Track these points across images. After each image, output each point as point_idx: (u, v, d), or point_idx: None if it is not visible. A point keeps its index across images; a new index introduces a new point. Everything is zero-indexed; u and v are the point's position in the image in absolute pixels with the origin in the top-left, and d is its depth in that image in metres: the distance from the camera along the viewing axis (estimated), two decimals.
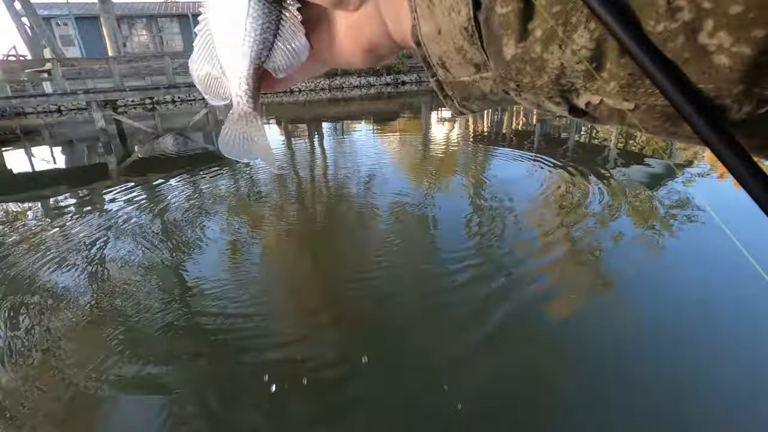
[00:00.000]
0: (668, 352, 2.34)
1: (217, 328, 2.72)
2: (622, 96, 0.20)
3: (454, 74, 0.28)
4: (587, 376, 2.22)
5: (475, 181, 5.74)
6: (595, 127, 8.91)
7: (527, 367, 2.29)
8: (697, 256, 3.36)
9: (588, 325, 2.62)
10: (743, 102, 0.17)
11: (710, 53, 0.16)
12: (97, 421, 2.06)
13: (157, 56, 16.64)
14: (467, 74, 0.27)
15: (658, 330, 2.53)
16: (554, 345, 2.45)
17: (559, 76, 0.21)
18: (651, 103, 0.19)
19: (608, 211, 4.26)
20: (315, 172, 6.78)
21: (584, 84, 0.21)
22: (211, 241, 4.10)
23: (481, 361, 2.35)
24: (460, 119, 11.36)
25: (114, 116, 9.95)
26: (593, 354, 2.38)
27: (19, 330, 2.79)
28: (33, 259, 3.87)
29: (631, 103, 0.20)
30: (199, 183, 6.33)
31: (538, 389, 2.15)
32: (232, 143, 0.36)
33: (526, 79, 0.23)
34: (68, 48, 20.00)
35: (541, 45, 0.21)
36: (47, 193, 6.15)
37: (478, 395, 2.12)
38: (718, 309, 2.68)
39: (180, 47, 21.65)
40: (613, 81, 0.19)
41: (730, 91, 0.17)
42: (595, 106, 0.22)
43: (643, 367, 2.23)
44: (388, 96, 18.51)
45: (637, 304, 2.79)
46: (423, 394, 2.13)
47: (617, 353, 2.36)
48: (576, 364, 2.30)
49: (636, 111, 0.20)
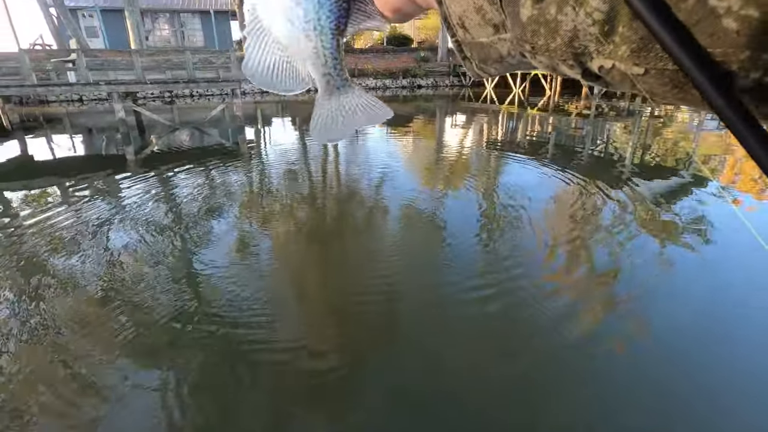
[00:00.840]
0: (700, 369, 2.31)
1: (220, 320, 2.75)
2: (633, 60, 0.20)
3: (473, 35, 0.28)
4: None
5: (487, 187, 5.73)
6: (611, 139, 8.84)
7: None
8: (725, 269, 3.31)
9: (599, 341, 2.60)
10: (750, 68, 0.17)
11: (719, 16, 0.16)
12: (99, 406, 2.10)
13: (178, 50, 16.94)
14: (485, 35, 0.28)
15: (684, 345, 2.49)
16: (565, 360, 2.43)
17: (572, 39, 0.22)
18: (661, 67, 0.19)
19: (623, 224, 4.21)
20: (327, 170, 6.82)
21: (597, 48, 0.21)
22: (219, 235, 4.16)
23: (493, 373, 2.34)
24: (474, 126, 11.33)
25: (134, 108, 10.14)
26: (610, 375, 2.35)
27: (26, 312, 2.86)
28: (46, 242, 3.97)
29: (641, 67, 0.20)
30: (212, 177, 6.41)
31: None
32: (333, 124, 0.34)
33: (540, 41, 0.23)
34: (92, 39, 20.45)
35: (555, 6, 0.21)
36: (66, 179, 6.29)
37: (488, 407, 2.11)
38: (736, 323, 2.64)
39: (200, 42, 21.98)
40: (625, 45, 0.19)
41: (737, 56, 0.16)
42: (607, 71, 0.22)
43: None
44: (403, 99, 18.54)
45: (655, 319, 2.75)
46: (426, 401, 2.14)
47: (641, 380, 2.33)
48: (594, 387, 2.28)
49: (646, 76, 0.20)
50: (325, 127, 0.34)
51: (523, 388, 2.20)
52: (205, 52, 18.05)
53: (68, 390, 2.18)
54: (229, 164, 7.08)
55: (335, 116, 0.34)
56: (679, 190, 5.29)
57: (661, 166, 6.50)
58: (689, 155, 7.19)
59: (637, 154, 7.44)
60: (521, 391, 2.18)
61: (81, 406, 2.09)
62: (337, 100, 0.33)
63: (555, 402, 2.10)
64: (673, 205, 4.75)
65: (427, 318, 2.81)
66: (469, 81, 23.00)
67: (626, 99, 15.20)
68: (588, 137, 9.05)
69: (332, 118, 0.34)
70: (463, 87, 22.69)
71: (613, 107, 13.48)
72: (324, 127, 0.34)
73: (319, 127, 0.34)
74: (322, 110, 0.33)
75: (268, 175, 6.56)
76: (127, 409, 2.06)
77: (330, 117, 0.34)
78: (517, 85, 18.76)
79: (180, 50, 16.09)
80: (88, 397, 2.14)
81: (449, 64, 23.97)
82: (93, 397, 2.14)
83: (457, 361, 2.39)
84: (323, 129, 0.34)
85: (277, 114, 14.47)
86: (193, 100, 18.68)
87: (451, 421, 1.98)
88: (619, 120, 11.23)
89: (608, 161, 6.95)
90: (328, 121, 0.34)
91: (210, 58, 16.78)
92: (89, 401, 2.12)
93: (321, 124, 0.34)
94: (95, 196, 5.50)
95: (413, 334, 2.66)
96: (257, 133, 10.70)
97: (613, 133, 9.54)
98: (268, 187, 5.97)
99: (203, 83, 10.41)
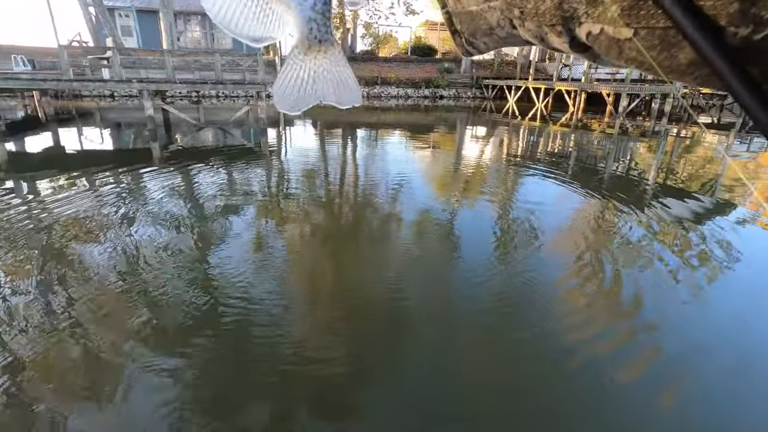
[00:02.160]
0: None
1: (231, 314, 2.79)
2: (623, 20, 0.19)
3: (464, 3, 0.29)
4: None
5: (504, 201, 5.69)
6: (634, 157, 8.68)
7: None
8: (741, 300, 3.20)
9: (612, 368, 2.54)
10: (740, 23, 0.16)
11: None
12: (115, 389, 2.15)
13: (208, 52, 17.45)
14: (476, 3, 0.28)
15: (704, 374, 2.42)
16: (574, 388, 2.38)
17: (562, 1, 0.22)
18: (652, 25, 0.19)
19: (644, 246, 4.12)
20: (346, 174, 6.89)
21: (586, 10, 0.21)
22: (235, 230, 4.24)
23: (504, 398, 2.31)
24: (494, 138, 11.28)
25: (162, 106, 10.45)
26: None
27: (46, 296, 2.95)
28: (71, 230, 4.10)
29: (630, 28, 0.19)
30: (233, 175, 6.55)
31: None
32: (301, 88, 0.29)
33: (530, 5, 0.23)
34: (127, 38, 21.22)
35: None
36: (94, 169, 6.51)
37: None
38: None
39: (229, 45, 22.55)
40: (615, 5, 0.19)
41: (725, 9, 0.16)
42: (595, 37, 0.22)
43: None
44: (425, 109, 18.61)
45: (671, 349, 2.68)
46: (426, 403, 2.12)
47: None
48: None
49: (634, 39, 0.20)
50: (291, 90, 0.29)
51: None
52: (233, 54, 18.51)
53: (82, 367, 2.25)
54: (250, 164, 7.22)
55: (305, 79, 0.29)
56: (704, 213, 5.15)
57: (686, 187, 6.34)
58: (715, 178, 7.01)
59: (661, 174, 7.28)
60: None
61: (95, 380, 2.15)
62: (314, 58, 0.28)
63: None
64: (698, 227, 4.63)
65: (430, 335, 2.80)
66: (491, 93, 22.95)
67: (652, 118, 14.93)
68: (611, 155, 8.91)
69: (302, 80, 0.29)
70: (485, 99, 22.65)
71: (638, 126, 13.25)
72: (290, 91, 0.29)
73: (285, 90, 0.29)
74: (292, 69, 0.28)
75: (287, 177, 6.65)
76: (136, 387, 2.11)
77: (299, 79, 0.29)
78: (540, 100, 18.63)
79: (210, 52, 16.57)
80: (100, 374, 2.20)
81: (472, 76, 24.01)
82: (105, 374, 2.20)
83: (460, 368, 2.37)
84: (288, 93, 0.29)
85: (299, 118, 14.68)
86: (219, 101, 19.15)
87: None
88: (643, 140, 11.03)
89: (631, 180, 6.82)
90: (297, 83, 0.29)
91: (237, 61, 17.20)
92: (101, 378, 2.17)
93: (288, 85, 0.29)
94: (121, 187, 5.67)
95: (416, 350, 2.65)
96: (279, 135, 10.89)
97: (637, 152, 9.38)
98: (286, 187, 6.06)
99: (230, 85, 10.67)
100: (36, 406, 2.03)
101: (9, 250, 3.65)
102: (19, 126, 11.36)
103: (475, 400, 2.18)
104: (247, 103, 12.35)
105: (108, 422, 1.97)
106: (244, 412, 2.04)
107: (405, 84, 22.95)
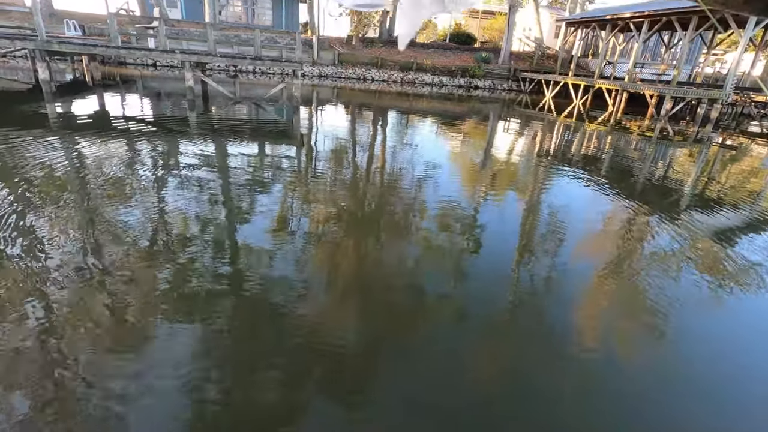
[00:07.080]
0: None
1: (249, 291, 2.95)
2: None
3: None
4: None
5: (532, 198, 5.64)
6: (673, 164, 8.35)
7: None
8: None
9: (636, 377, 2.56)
10: None
11: None
12: (140, 347, 2.35)
13: (249, 27, 17.69)
14: None
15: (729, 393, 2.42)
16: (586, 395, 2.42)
17: None
18: None
19: (673, 258, 4.04)
20: (373, 156, 6.96)
21: None
22: (261, 204, 4.41)
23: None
24: (527, 134, 11.05)
25: (202, 77, 10.74)
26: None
27: (77, 256, 3.19)
28: (106, 193, 4.37)
29: None
30: (264, 149, 6.73)
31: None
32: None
33: None
34: (171, 9, 21.70)
35: None
36: (135, 135, 6.83)
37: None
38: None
39: (269, 22, 22.72)
40: None
41: None
42: None
43: None
44: (458, 98, 18.34)
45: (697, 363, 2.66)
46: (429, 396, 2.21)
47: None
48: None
49: None
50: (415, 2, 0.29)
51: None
52: (272, 31, 18.69)
53: (111, 327, 2.46)
54: (281, 141, 7.40)
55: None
56: (742, 228, 4.96)
57: (726, 199, 6.10)
58: (760, 191, 6.68)
59: (699, 184, 7.01)
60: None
61: (122, 339, 2.35)
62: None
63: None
64: (735, 242, 4.48)
65: (443, 330, 2.87)
66: (528, 87, 22.34)
67: (695, 124, 14.22)
68: (648, 159, 8.61)
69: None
70: (521, 93, 22.08)
71: (680, 131, 12.67)
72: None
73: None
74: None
75: (315, 156, 6.79)
76: (159, 350, 2.30)
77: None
78: (578, 97, 18.03)
79: (250, 27, 16.79)
80: (127, 334, 2.40)
81: (510, 67, 23.39)
82: (131, 336, 2.40)
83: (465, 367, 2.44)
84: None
85: (331, 98, 14.78)
86: (256, 77, 19.43)
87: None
88: (684, 146, 10.57)
89: (668, 188, 6.61)
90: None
91: (276, 38, 17.36)
92: (128, 337, 2.38)
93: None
94: (159, 152, 5.95)
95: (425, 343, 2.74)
96: (311, 114, 11.03)
97: (677, 159, 9.02)
98: (314, 166, 6.19)
99: (267, 61, 10.83)
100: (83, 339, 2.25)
101: (61, 193, 3.94)
102: (68, 88, 11.95)
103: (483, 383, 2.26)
104: (282, 80, 12.52)
105: (138, 368, 2.16)
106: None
107: (440, 71, 22.61)
